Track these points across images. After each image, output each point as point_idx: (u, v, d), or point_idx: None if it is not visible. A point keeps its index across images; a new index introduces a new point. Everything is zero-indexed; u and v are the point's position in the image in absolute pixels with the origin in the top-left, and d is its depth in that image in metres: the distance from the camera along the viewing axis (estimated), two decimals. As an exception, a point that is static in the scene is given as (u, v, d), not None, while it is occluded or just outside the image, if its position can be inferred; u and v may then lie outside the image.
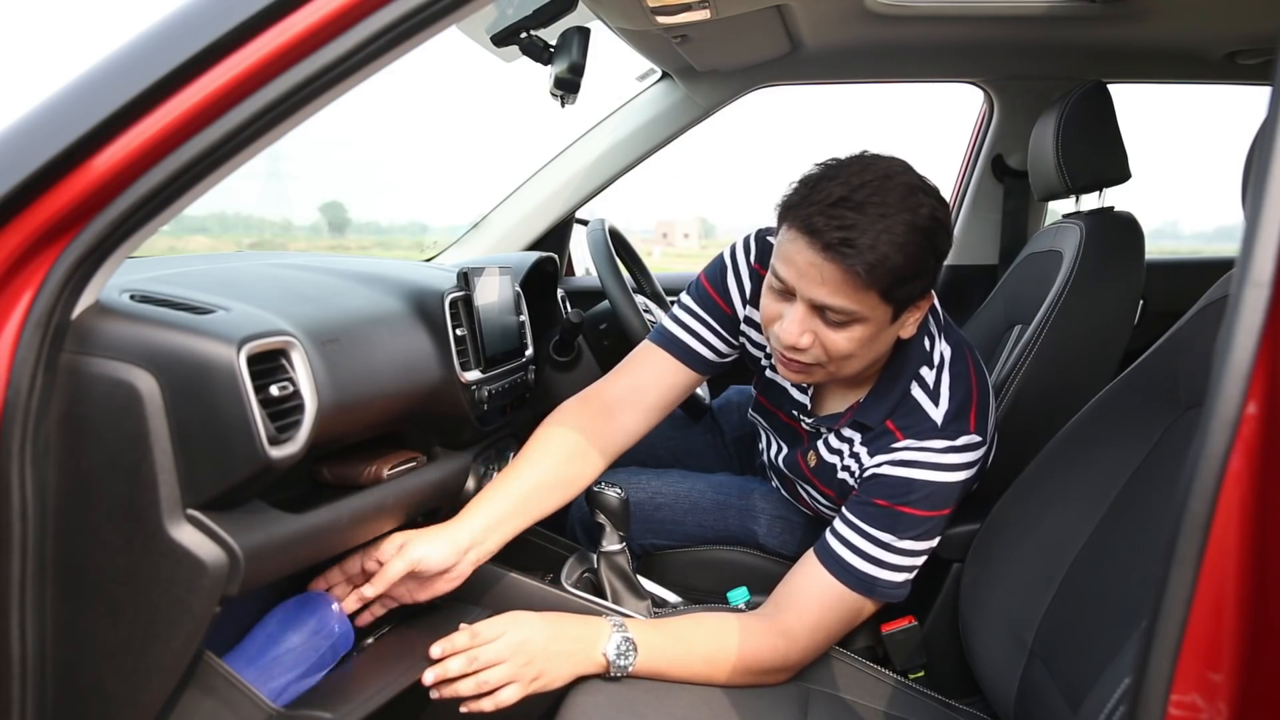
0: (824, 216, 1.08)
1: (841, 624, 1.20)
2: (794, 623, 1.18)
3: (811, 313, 1.13)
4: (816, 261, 1.09)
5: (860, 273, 1.07)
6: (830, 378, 1.22)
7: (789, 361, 1.19)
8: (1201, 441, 0.54)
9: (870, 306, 1.11)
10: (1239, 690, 0.55)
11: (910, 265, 1.09)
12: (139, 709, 0.84)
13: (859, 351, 1.15)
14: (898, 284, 1.10)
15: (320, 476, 1.09)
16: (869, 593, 1.18)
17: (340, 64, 0.76)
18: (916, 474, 1.18)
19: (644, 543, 1.53)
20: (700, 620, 1.18)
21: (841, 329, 1.13)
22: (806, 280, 1.11)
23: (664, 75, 2.07)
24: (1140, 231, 1.56)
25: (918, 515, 1.18)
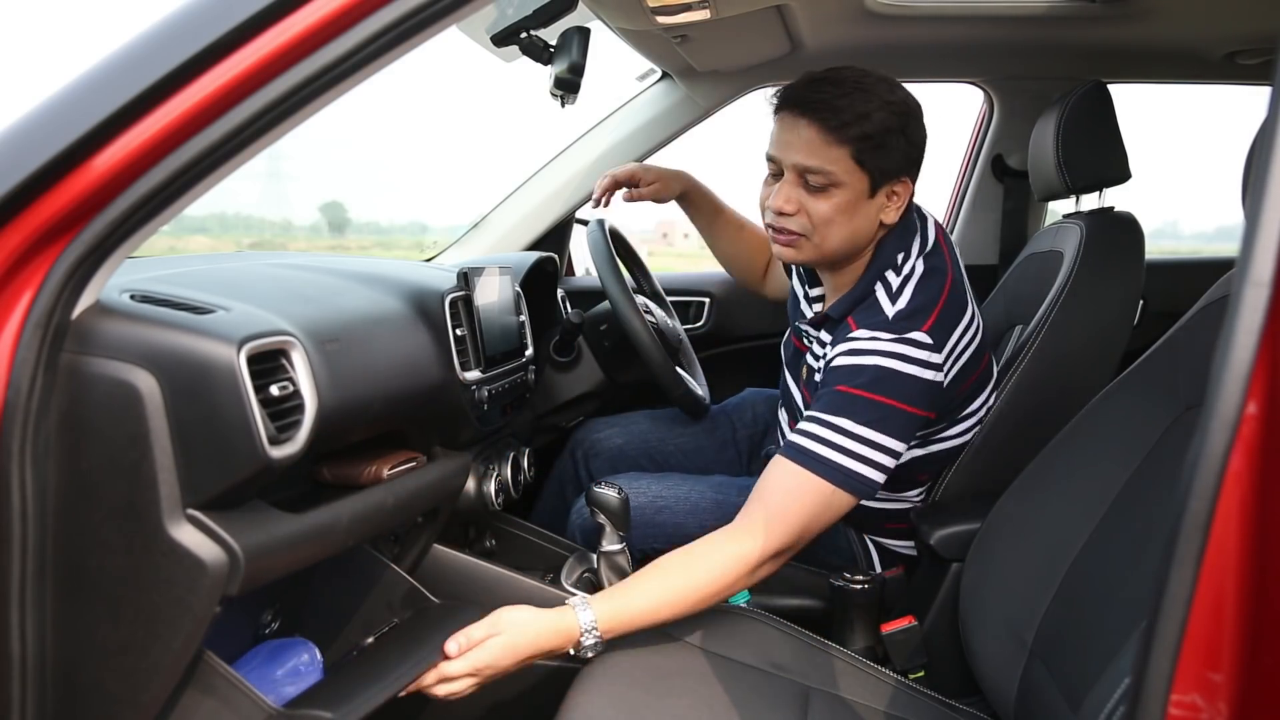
0: (804, 89, 1.28)
1: (808, 512, 1.22)
2: (760, 515, 1.21)
3: (796, 182, 1.30)
4: (794, 125, 1.28)
5: (832, 127, 1.25)
6: (817, 255, 1.34)
7: (779, 233, 1.34)
8: (1201, 441, 0.54)
9: (845, 170, 1.27)
10: (1239, 690, 0.55)
11: (880, 132, 1.26)
12: (139, 709, 0.84)
13: (838, 218, 1.30)
14: (869, 149, 1.26)
15: (320, 476, 1.09)
16: (832, 478, 1.21)
17: (340, 64, 0.76)
18: (864, 360, 1.25)
19: (645, 548, 1.53)
20: (661, 565, 1.18)
21: (822, 194, 1.29)
22: (787, 147, 1.29)
23: (664, 75, 2.07)
24: (1140, 231, 1.56)
25: (870, 398, 1.23)
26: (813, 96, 1.26)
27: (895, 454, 1.25)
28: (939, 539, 1.37)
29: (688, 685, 1.11)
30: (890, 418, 1.23)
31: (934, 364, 1.28)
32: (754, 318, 2.27)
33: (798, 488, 1.22)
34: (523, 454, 1.49)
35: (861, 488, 1.23)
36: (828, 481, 1.22)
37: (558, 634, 1.09)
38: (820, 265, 1.42)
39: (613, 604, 1.13)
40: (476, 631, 1.06)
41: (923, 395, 1.27)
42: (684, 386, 1.63)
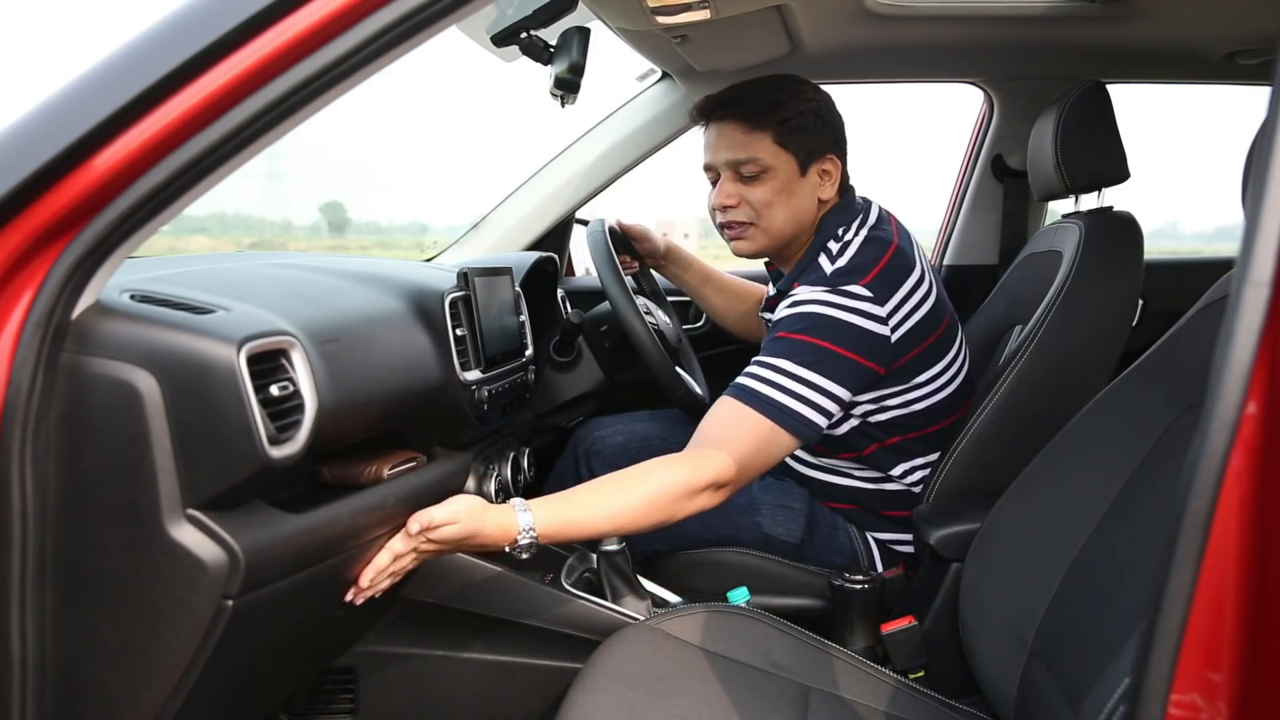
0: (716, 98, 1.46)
1: (748, 447, 1.26)
2: (702, 446, 1.27)
3: (732, 178, 1.45)
4: (717, 129, 1.45)
5: (748, 117, 1.41)
6: (767, 241, 1.46)
7: (729, 229, 1.48)
8: (1201, 441, 0.54)
9: (771, 154, 1.42)
10: (1239, 690, 0.55)
11: (794, 115, 1.41)
12: (139, 709, 0.84)
13: (776, 200, 1.43)
14: (788, 131, 1.41)
15: (320, 476, 1.09)
16: (771, 414, 1.27)
17: (340, 64, 0.76)
18: (804, 308, 1.34)
19: (646, 549, 1.53)
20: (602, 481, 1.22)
21: (756, 182, 1.43)
22: (715, 149, 1.45)
23: (664, 75, 2.07)
24: (1139, 231, 1.56)
25: (808, 341, 1.30)
26: (726, 99, 1.45)
27: (837, 399, 1.31)
28: (939, 539, 1.37)
29: (688, 685, 1.11)
30: (828, 360, 1.30)
31: (875, 315, 1.34)
32: (754, 318, 2.27)
33: (738, 423, 1.28)
34: (523, 454, 1.49)
35: (801, 428, 1.28)
36: (766, 418, 1.27)
37: (501, 528, 1.12)
38: (772, 253, 1.51)
39: (552, 511, 1.16)
40: (437, 514, 1.09)
41: (863, 343, 1.32)
42: (684, 386, 1.63)
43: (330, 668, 1.32)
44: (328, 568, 1.01)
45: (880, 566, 1.53)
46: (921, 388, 1.44)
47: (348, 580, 1.09)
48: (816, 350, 1.30)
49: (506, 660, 1.33)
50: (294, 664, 1.18)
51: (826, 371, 1.29)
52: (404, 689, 1.33)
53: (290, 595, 0.95)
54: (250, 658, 0.96)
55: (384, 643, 1.32)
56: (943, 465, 1.47)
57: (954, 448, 1.46)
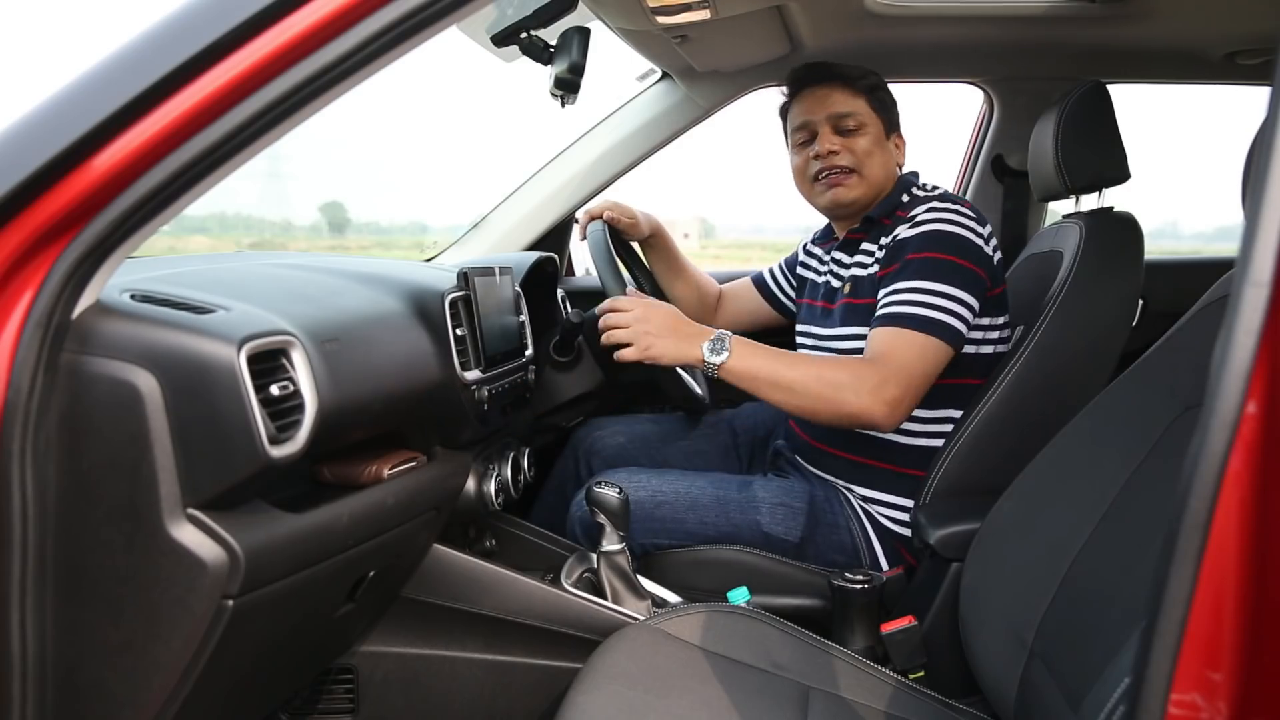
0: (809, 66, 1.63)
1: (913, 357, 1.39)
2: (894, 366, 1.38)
3: (832, 131, 1.59)
4: (820, 90, 1.60)
5: (850, 81, 1.59)
6: (865, 189, 1.59)
7: (828, 177, 1.59)
8: (1201, 441, 0.54)
9: (867, 113, 1.59)
10: (1239, 690, 0.55)
11: (880, 85, 1.62)
12: (139, 708, 0.84)
13: (875, 150, 1.59)
14: (877, 100, 1.60)
15: (320, 476, 1.09)
16: (923, 328, 1.40)
17: (340, 64, 0.76)
18: (927, 227, 1.46)
19: (645, 543, 1.53)
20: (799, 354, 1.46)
21: (856, 134, 1.58)
22: (818, 107, 1.60)
23: (664, 75, 2.07)
24: (1140, 231, 1.56)
25: (936, 258, 1.43)
26: (825, 68, 1.61)
27: (971, 308, 1.44)
28: (939, 539, 1.37)
29: (688, 685, 1.11)
30: (960, 273, 1.43)
31: (982, 234, 1.48)
32: (752, 318, 2.27)
33: (898, 341, 1.40)
34: (523, 454, 1.49)
35: (950, 336, 1.41)
36: (921, 333, 1.40)
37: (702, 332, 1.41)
38: (862, 205, 1.61)
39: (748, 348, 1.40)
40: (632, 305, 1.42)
41: (981, 259, 1.46)
42: (683, 386, 1.63)
43: (330, 668, 1.32)
44: (328, 568, 1.01)
45: (883, 562, 1.53)
46: (990, 331, 1.53)
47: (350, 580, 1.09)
48: (945, 264, 1.43)
49: (506, 660, 1.33)
50: (294, 664, 1.18)
51: (958, 282, 1.42)
52: (404, 689, 1.33)
53: (290, 595, 0.95)
54: (250, 657, 0.97)
55: (384, 643, 1.33)
56: (941, 463, 1.47)
57: (953, 446, 1.46)
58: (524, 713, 1.32)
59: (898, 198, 1.59)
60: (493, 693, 1.33)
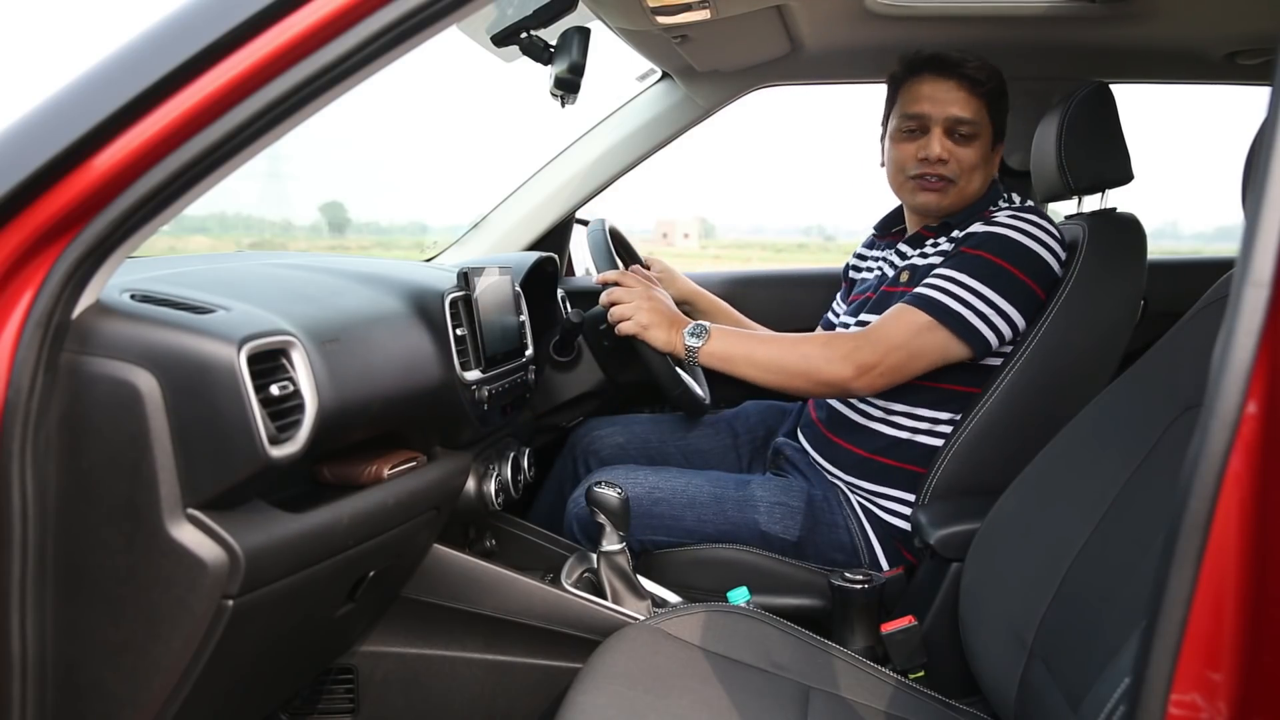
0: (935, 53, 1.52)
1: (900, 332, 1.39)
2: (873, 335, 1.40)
3: (945, 134, 1.51)
4: (945, 85, 1.51)
5: (976, 83, 1.50)
6: (959, 200, 1.54)
7: (929, 181, 1.52)
8: (1201, 441, 0.54)
9: (984, 122, 1.52)
10: (1239, 690, 0.55)
11: (1002, 91, 1.54)
12: (139, 708, 0.84)
13: (980, 164, 1.53)
14: (998, 106, 1.54)
15: (320, 476, 1.09)
16: (931, 311, 1.38)
17: (340, 64, 0.76)
18: (995, 229, 1.43)
19: (643, 539, 1.53)
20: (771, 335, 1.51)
21: (967, 143, 1.51)
22: (940, 103, 1.51)
23: (664, 75, 2.07)
24: (1143, 233, 1.56)
25: (994, 261, 1.40)
26: (952, 59, 1.51)
27: (1012, 323, 1.41)
28: (939, 539, 1.37)
29: (688, 685, 1.11)
30: (1011, 284, 1.39)
31: (1054, 249, 1.44)
32: (753, 318, 2.27)
33: (898, 316, 1.40)
34: (523, 454, 1.49)
35: (972, 335, 1.39)
36: (924, 312, 1.39)
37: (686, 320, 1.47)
38: (949, 213, 1.56)
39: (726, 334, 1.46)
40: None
41: (1042, 274, 1.42)
42: (684, 386, 1.63)
43: (330, 667, 1.32)
44: (328, 568, 1.01)
45: (882, 561, 1.53)
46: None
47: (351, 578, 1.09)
48: (1002, 271, 1.39)
49: (506, 660, 1.33)
50: (294, 664, 1.18)
51: (1008, 292, 1.39)
52: (404, 689, 1.33)
53: (290, 595, 0.95)
54: (250, 657, 0.97)
55: (384, 642, 1.32)
56: (940, 463, 1.47)
57: (953, 445, 1.46)
58: (524, 713, 1.32)
59: (984, 207, 1.54)
60: (493, 693, 1.33)
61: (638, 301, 1.48)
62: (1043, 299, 1.43)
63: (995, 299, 1.39)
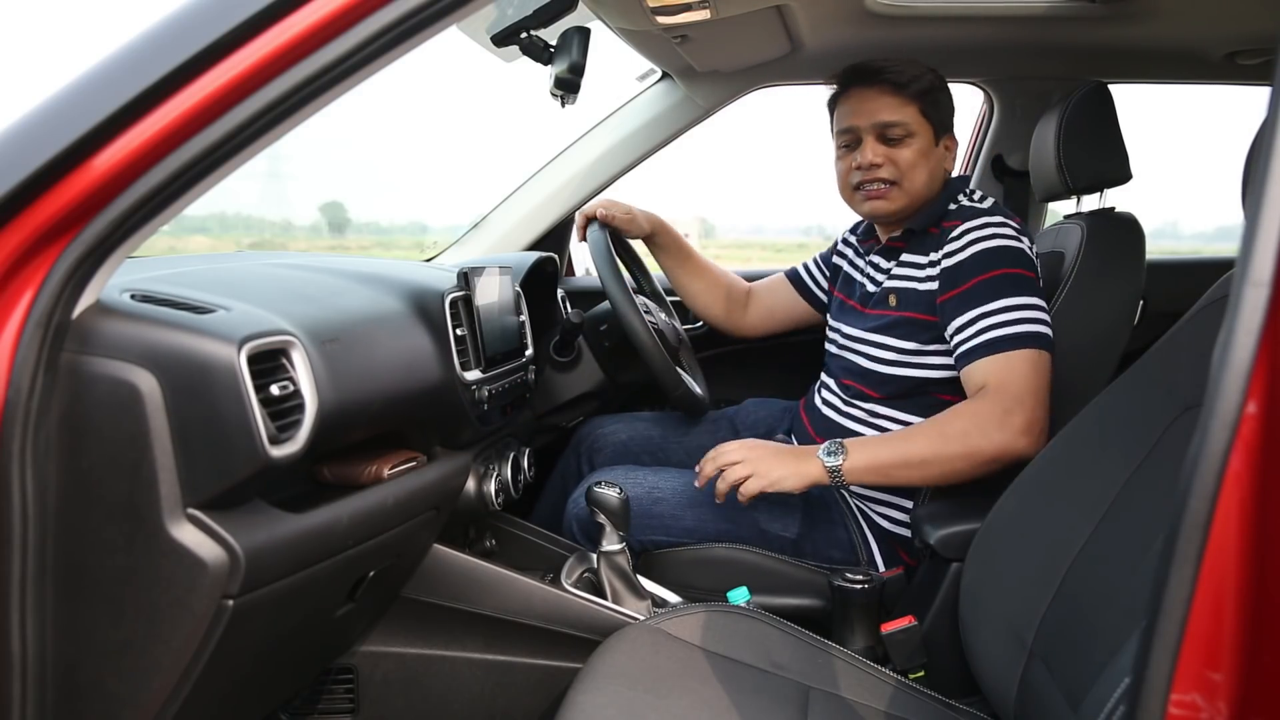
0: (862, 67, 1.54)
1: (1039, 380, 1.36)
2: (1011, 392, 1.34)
3: (877, 139, 1.52)
4: (868, 94, 1.53)
5: (900, 85, 1.50)
6: (906, 201, 1.53)
7: (870, 187, 1.54)
8: (1201, 441, 0.54)
9: (916, 121, 1.51)
10: (1239, 690, 0.55)
11: (933, 89, 1.53)
12: (139, 708, 0.84)
13: (920, 162, 1.52)
14: (929, 103, 1.52)
15: (320, 476, 1.09)
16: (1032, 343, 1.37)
17: (340, 64, 0.76)
18: (984, 245, 1.43)
19: (643, 539, 1.53)
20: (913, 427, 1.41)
21: (901, 145, 1.51)
22: (865, 112, 1.52)
23: (664, 75, 2.07)
24: (1141, 232, 1.56)
25: (1008, 273, 1.41)
26: (875, 67, 1.53)
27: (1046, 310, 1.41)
28: (939, 539, 1.37)
29: (688, 685, 1.11)
30: (1028, 284, 1.41)
31: (1031, 246, 1.46)
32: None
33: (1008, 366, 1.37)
34: (523, 454, 1.49)
35: (1046, 343, 1.38)
36: (1031, 348, 1.37)
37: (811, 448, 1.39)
38: (903, 216, 1.57)
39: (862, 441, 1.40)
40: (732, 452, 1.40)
41: (1035, 266, 1.44)
42: (684, 386, 1.63)
43: (330, 668, 1.32)
44: (328, 568, 1.01)
45: (879, 560, 1.53)
46: None
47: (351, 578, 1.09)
48: (1015, 279, 1.41)
49: (506, 660, 1.33)
50: (294, 664, 1.18)
51: (1032, 292, 1.41)
52: (404, 689, 1.33)
53: (290, 595, 0.95)
54: (250, 657, 0.97)
55: (384, 643, 1.33)
56: None
57: None
58: (524, 713, 1.32)
59: (943, 207, 1.53)
60: (493, 693, 1.33)
61: (750, 460, 1.39)
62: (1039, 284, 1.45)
63: (1034, 300, 1.40)
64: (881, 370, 1.54)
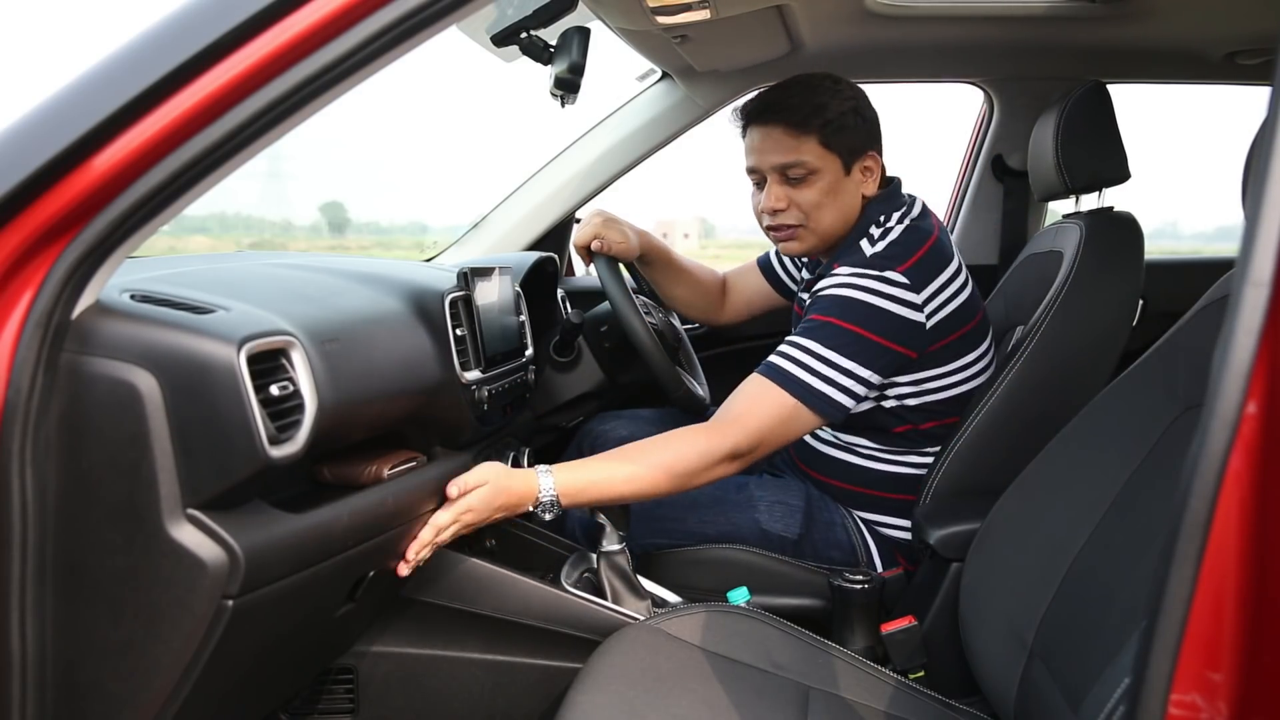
0: (759, 101, 1.47)
1: (770, 419, 1.32)
2: (725, 417, 1.33)
3: (779, 181, 1.46)
4: (762, 132, 1.46)
5: (795, 123, 1.42)
6: (817, 240, 1.49)
7: (778, 231, 1.49)
8: (1201, 441, 0.54)
9: (817, 156, 1.43)
10: (1239, 690, 0.55)
11: (836, 116, 1.43)
12: (139, 708, 0.84)
13: (825, 200, 1.45)
14: (832, 133, 1.43)
15: (320, 476, 1.09)
16: (796, 392, 1.33)
17: (340, 64, 0.76)
18: (838, 291, 1.38)
19: (645, 542, 1.53)
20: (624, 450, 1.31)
21: (804, 185, 1.45)
22: (762, 153, 1.46)
23: (664, 75, 2.07)
24: (1140, 232, 1.56)
25: (839, 325, 1.35)
26: (770, 103, 1.45)
27: (865, 382, 1.36)
28: (939, 539, 1.37)
29: (688, 685, 1.11)
30: (858, 344, 1.34)
31: (911, 302, 1.38)
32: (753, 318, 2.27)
33: (762, 398, 1.34)
34: (523, 454, 1.49)
35: (825, 407, 1.34)
36: (791, 395, 1.33)
37: (525, 487, 1.22)
38: (821, 250, 1.53)
39: (573, 474, 1.25)
40: (470, 478, 1.19)
41: (898, 330, 1.37)
42: (684, 386, 1.63)
43: (330, 667, 1.32)
44: (328, 568, 1.01)
45: (878, 561, 1.53)
46: (959, 373, 1.48)
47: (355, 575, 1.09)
48: (847, 334, 1.34)
49: (506, 660, 1.33)
50: (294, 664, 1.18)
51: (855, 355, 1.34)
52: (404, 689, 1.33)
53: (290, 595, 0.95)
54: (250, 657, 0.96)
55: (384, 642, 1.32)
56: (941, 464, 1.47)
57: (952, 446, 1.46)
58: (524, 713, 1.32)
59: (856, 240, 1.46)
60: (493, 693, 1.33)
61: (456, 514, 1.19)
62: (900, 351, 1.38)
63: (850, 366, 1.34)
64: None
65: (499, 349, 1.39)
